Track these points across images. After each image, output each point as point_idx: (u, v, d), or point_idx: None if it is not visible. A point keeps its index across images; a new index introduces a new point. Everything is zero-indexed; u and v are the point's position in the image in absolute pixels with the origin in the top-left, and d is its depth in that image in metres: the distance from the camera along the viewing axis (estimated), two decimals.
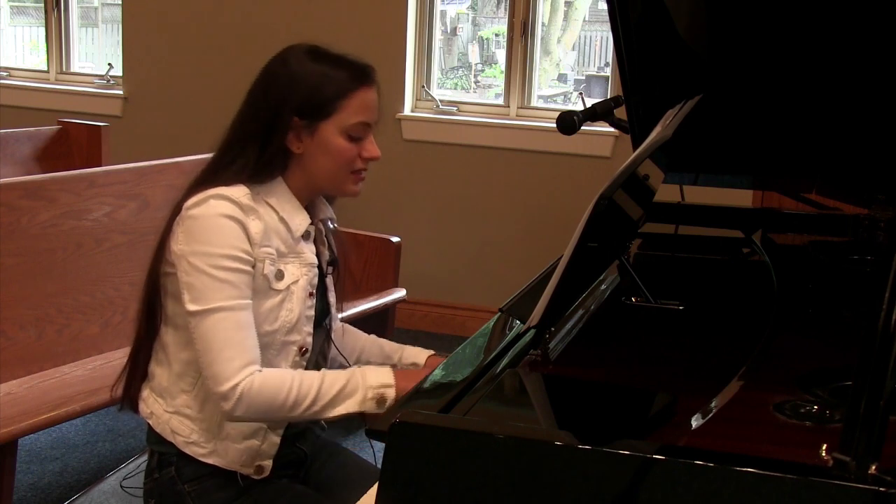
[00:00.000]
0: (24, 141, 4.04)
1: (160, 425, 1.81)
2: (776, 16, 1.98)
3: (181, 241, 1.71)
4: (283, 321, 1.76)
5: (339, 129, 1.73)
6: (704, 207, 2.38)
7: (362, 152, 1.76)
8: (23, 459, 3.13)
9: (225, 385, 1.66)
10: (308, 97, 1.71)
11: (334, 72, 1.73)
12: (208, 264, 1.68)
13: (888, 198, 2.12)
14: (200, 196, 1.71)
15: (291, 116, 1.72)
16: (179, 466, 1.81)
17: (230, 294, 1.68)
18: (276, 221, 1.75)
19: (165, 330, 1.81)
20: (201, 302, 1.68)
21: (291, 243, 1.77)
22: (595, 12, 5.07)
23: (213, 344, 1.67)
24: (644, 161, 1.66)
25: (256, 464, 1.81)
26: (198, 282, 1.68)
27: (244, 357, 1.68)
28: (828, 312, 1.84)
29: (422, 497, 1.11)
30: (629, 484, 1.03)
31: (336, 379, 1.72)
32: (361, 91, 1.74)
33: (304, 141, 1.74)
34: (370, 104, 1.76)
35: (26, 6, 6.21)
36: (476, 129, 4.47)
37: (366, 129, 1.76)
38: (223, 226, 1.69)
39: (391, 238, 3.60)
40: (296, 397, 1.69)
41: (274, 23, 4.64)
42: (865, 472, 0.96)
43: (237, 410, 1.67)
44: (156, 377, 1.83)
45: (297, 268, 1.78)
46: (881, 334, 0.98)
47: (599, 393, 1.40)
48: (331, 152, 1.74)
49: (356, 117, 1.74)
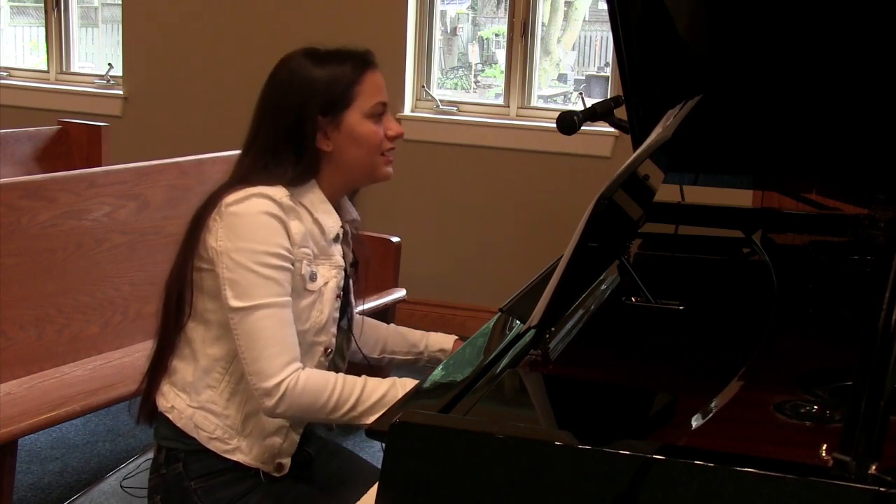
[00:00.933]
0: (24, 141, 4.04)
1: (182, 420, 1.82)
2: (776, 16, 1.98)
3: (222, 237, 1.73)
4: (313, 322, 1.79)
5: (361, 114, 1.80)
6: (704, 207, 2.38)
7: (387, 131, 1.84)
8: (23, 459, 3.13)
9: (270, 381, 1.69)
10: (326, 95, 1.78)
11: (340, 66, 1.80)
12: (253, 261, 1.70)
13: (888, 198, 2.12)
14: (241, 194, 1.74)
15: (316, 116, 1.77)
16: (187, 463, 1.82)
17: (275, 291, 1.71)
18: (311, 223, 1.79)
19: (193, 325, 1.82)
20: (246, 298, 1.70)
21: (324, 245, 1.81)
22: (595, 12, 5.07)
23: (259, 341, 1.70)
24: (644, 161, 1.66)
25: (277, 461, 1.84)
26: (242, 278, 1.71)
27: (288, 354, 1.71)
28: (828, 312, 1.84)
29: (422, 497, 1.11)
30: (629, 484, 1.03)
31: (377, 387, 1.76)
32: (368, 74, 1.82)
33: (331, 137, 1.80)
34: (379, 84, 1.84)
35: (26, 6, 6.21)
36: (476, 129, 4.47)
37: (383, 108, 1.84)
38: (267, 223, 1.72)
39: (391, 238, 3.59)
40: (337, 400, 1.73)
41: (274, 23, 4.64)
42: (865, 472, 0.96)
43: (279, 407, 1.71)
44: (178, 372, 1.84)
45: (327, 270, 1.81)
46: (881, 334, 0.98)
47: (599, 393, 1.40)
48: (360, 138, 1.81)
49: (372, 99, 1.81)
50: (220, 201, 1.75)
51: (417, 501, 1.11)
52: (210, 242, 1.75)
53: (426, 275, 4.47)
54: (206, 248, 1.76)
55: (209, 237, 1.75)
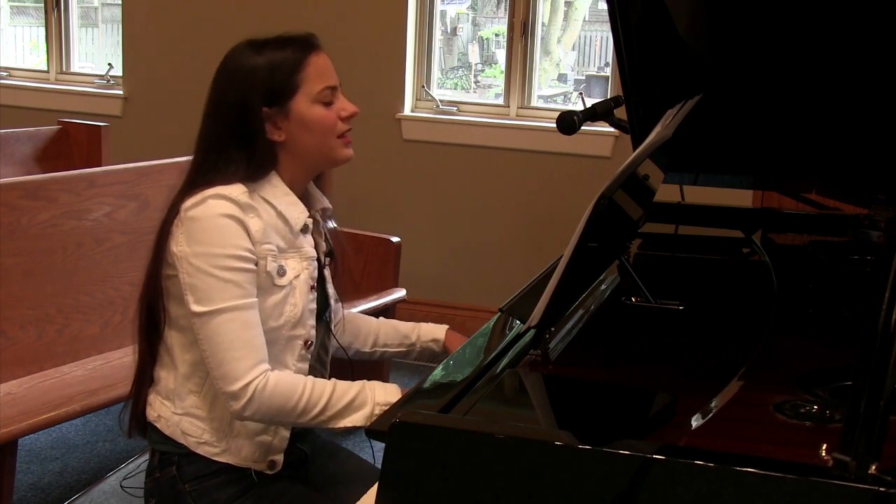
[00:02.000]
0: (24, 141, 4.04)
1: (170, 428, 1.81)
2: (776, 16, 1.98)
3: (182, 242, 1.71)
4: (287, 316, 1.77)
5: (308, 100, 1.76)
6: (704, 207, 2.38)
7: (340, 113, 1.79)
8: (23, 459, 3.13)
9: (236, 384, 1.67)
10: (268, 84, 1.74)
11: (280, 52, 1.76)
12: (211, 265, 1.68)
13: (888, 198, 2.12)
14: (198, 197, 1.72)
15: (260, 108, 1.74)
16: (181, 466, 1.81)
17: (236, 294, 1.69)
18: (275, 217, 1.76)
19: (169, 333, 1.81)
20: (206, 303, 1.68)
21: (290, 238, 1.78)
22: (595, 12, 5.07)
23: (222, 344, 1.68)
24: (644, 161, 1.66)
25: (269, 459, 1.83)
26: (202, 283, 1.68)
27: (254, 356, 1.69)
28: (828, 312, 1.84)
29: (422, 497, 1.11)
30: (629, 484, 1.03)
31: (346, 391, 1.74)
32: (312, 58, 1.77)
33: (282, 126, 1.76)
34: (325, 67, 1.79)
35: (26, 6, 6.21)
36: (476, 129, 4.47)
37: (334, 92, 1.79)
38: (224, 225, 1.69)
39: (391, 238, 3.59)
40: (305, 404, 1.71)
41: (273, 23, 4.61)
42: (865, 472, 0.96)
43: (247, 410, 1.69)
44: (161, 381, 1.83)
45: (297, 262, 1.79)
46: (881, 334, 0.98)
47: (599, 393, 1.40)
48: (311, 125, 1.76)
49: (319, 83, 1.77)
50: (179, 207, 1.73)
51: (417, 501, 1.11)
52: (172, 248, 1.73)
53: (426, 275, 4.47)
54: (171, 254, 1.74)
55: (172, 243, 1.74)
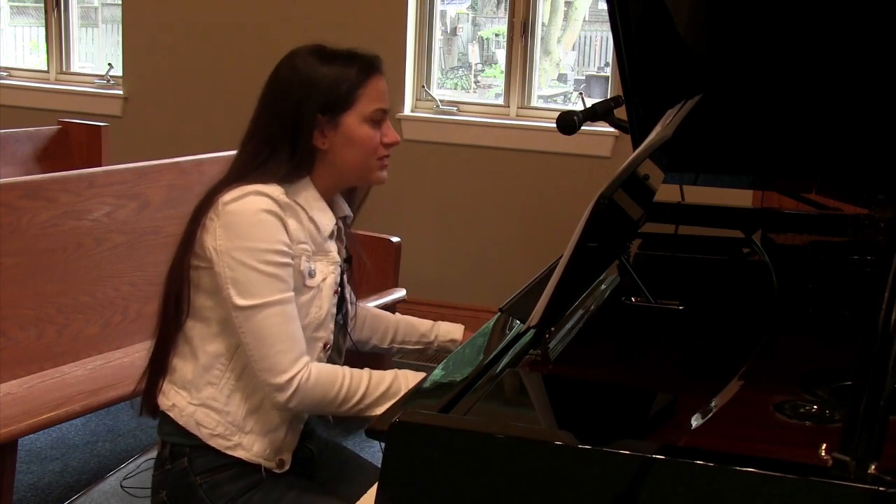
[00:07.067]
0: (24, 141, 4.04)
1: (183, 418, 1.82)
2: (776, 16, 1.98)
3: (221, 236, 1.74)
4: (312, 317, 1.81)
5: (360, 118, 1.80)
6: (704, 207, 2.38)
7: (384, 138, 1.84)
8: (23, 459, 3.13)
9: (282, 377, 1.72)
10: (327, 94, 1.78)
11: (346, 67, 1.80)
12: (255, 259, 1.72)
13: (888, 198, 2.12)
14: (237, 192, 1.75)
15: (315, 114, 1.77)
16: (192, 458, 1.82)
17: (279, 288, 1.73)
18: (307, 221, 1.80)
19: (191, 324, 1.83)
20: (251, 297, 1.72)
21: (320, 242, 1.82)
22: (595, 12, 5.07)
23: (267, 339, 1.72)
24: (644, 161, 1.66)
25: (279, 457, 1.85)
26: (245, 277, 1.72)
27: (296, 349, 1.74)
28: (828, 312, 1.84)
29: (422, 497, 1.11)
30: (629, 484, 1.03)
31: (382, 379, 1.80)
32: (373, 80, 1.82)
33: (328, 136, 1.80)
34: (383, 91, 1.84)
35: (26, 6, 6.21)
36: (476, 129, 4.47)
37: (383, 115, 1.84)
38: (265, 221, 1.73)
39: (391, 238, 3.60)
40: (346, 394, 1.77)
41: (274, 23, 4.64)
42: (865, 472, 0.96)
43: (292, 402, 1.74)
44: (178, 370, 1.85)
45: (325, 266, 1.83)
46: (881, 334, 0.98)
47: (599, 393, 1.40)
48: (356, 142, 1.81)
49: (373, 105, 1.81)
50: (216, 199, 1.76)
51: (417, 501, 1.11)
52: (208, 242, 1.75)
53: (426, 275, 4.47)
54: (203, 246, 1.76)
55: (206, 236, 1.76)
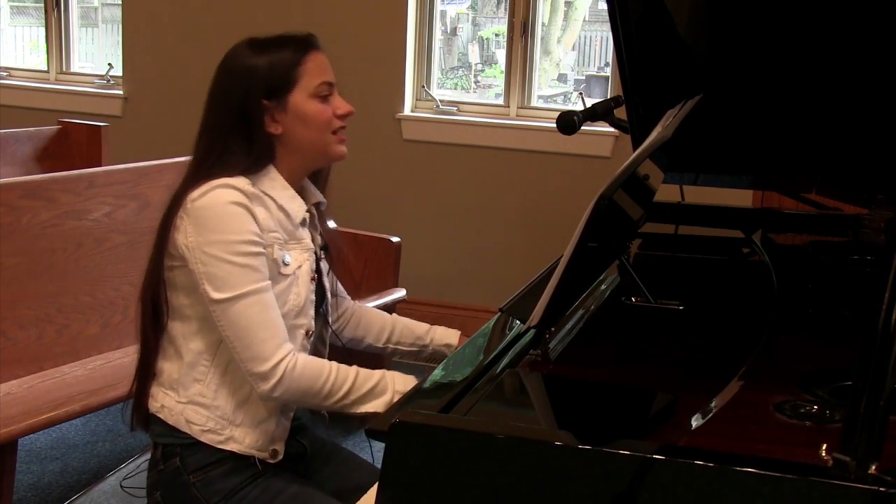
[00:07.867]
0: (24, 141, 4.04)
1: (173, 417, 1.83)
2: (776, 16, 1.98)
3: (191, 232, 1.74)
4: (291, 305, 1.81)
5: (306, 94, 1.82)
6: (704, 207, 2.38)
7: (336, 110, 1.85)
8: (23, 459, 3.13)
9: (266, 365, 1.72)
10: (267, 79, 1.80)
11: (281, 50, 1.82)
12: (227, 251, 1.72)
13: (888, 198, 2.12)
14: (204, 188, 1.76)
15: (260, 101, 1.79)
16: (184, 457, 1.82)
17: (253, 278, 1.74)
18: (276, 209, 1.81)
19: (172, 324, 1.83)
20: (227, 290, 1.72)
21: (291, 230, 1.83)
22: (595, 12, 5.07)
23: (247, 328, 1.72)
24: (644, 161, 1.66)
25: (271, 448, 1.85)
26: (219, 270, 1.72)
27: (278, 336, 1.74)
28: (828, 312, 1.84)
29: (422, 497, 1.11)
30: (629, 484, 1.03)
31: (369, 377, 1.80)
32: (311, 55, 1.83)
33: (279, 120, 1.81)
34: (323, 64, 1.85)
35: (26, 6, 6.21)
36: (476, 129, 4.46)
37: (330, 89, 1.85)
38: (233, 213, 1.74)
39: (391, 238, 3.60)
40: (331, 387, 1.76)
41: (274, 23, 4.62)
42: (865, 472, 0.96)
43: (277, 390, 1.74)
44: (165, 372, 1.85)
45: (299, 253, 1.84)
46: (881, 334, 0.98)
47: (599, 393, 1.40)
48: (307, 118, 1.82)
49: (316, 79, 1.82)
50: (184, 199, 1.77)
51: (417, 501, 1.11)
52: (179, 240, 1.76)
53: (426, 275, 4.47)
54: (176, 245, 1.77)
55: (177, 235, 1.77)
